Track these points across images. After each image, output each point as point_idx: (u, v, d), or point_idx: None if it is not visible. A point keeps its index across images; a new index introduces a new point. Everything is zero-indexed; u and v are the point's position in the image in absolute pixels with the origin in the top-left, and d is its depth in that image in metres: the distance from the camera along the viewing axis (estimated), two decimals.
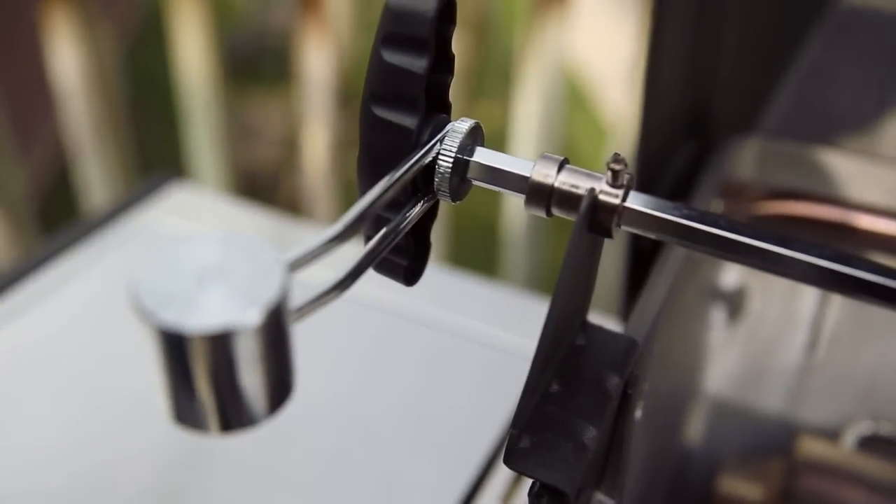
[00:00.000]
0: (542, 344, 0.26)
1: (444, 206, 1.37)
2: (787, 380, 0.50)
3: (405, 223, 0.27)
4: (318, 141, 1.41)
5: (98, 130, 1.26)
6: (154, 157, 1.73)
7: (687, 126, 0.47)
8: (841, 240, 0.46)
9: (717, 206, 0.45)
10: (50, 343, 0.57)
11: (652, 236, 0.26)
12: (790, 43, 0.55)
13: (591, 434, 0.28)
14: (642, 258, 0.39)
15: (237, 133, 1.99)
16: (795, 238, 0.25)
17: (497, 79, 2.21)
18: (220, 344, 0.19)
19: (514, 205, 1.32)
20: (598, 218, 0.26)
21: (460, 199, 0.28)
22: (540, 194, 0.26)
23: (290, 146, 1.87)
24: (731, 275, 0.50)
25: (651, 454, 0.45)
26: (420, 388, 0.55)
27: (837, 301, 0.49)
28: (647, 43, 0.39)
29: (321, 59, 1.30)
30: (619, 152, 0.25)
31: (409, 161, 0.26)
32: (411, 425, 0.52)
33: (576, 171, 0.26)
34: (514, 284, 1.36)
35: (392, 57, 0.26)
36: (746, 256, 0.25)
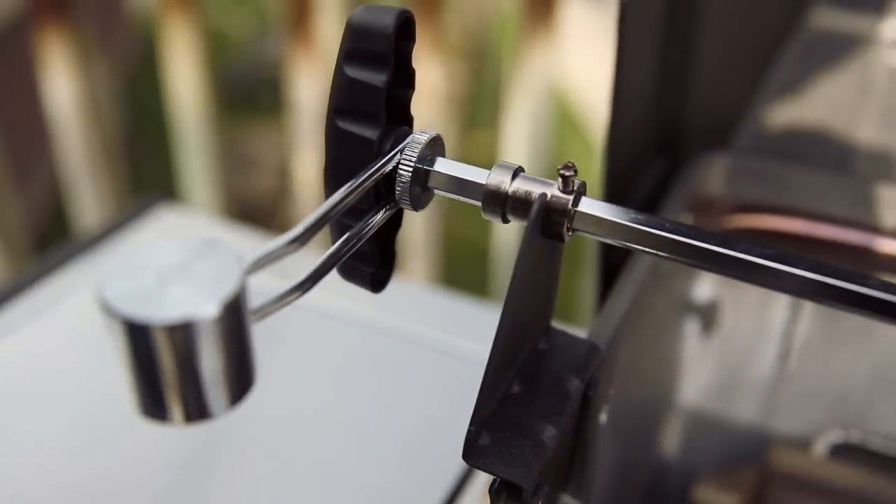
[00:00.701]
0: (497, 345, 0.27)
1: (436, 230, 1.38)
2: (760, 390, 0.51)
3: (367, 229, 0.28)
4: (311, 168, 1.42)
5: (93, 160, 1.28)
6: (150, 187, 1.75)
7: (657, 142, 0.49)
8: (809, 251, 0.47)
9: (686, 219, 0.47)
10: (39, 360, 0.58)
11: (603, 239, 0.27)
12: (762, 61, 0.57)
13: (550, 433, 0.29)
14: (613, 272, 0.40)
15: (234, 163, 2.01)
16: (737, 239, 0.26)
17: (490, 108, 2.24)
18: (181, 334, 0.20)
19: (505, 231, 1.34)
20: (550, 222, 0.27)
21: (421, 208, 0.29)
22: (495, 201, 0.27)
23: (286, 175, 1.89)
24: (704, 288, 0.51)
25: (624, 464, 0.46)
26: (407, 403, 0.55)
27: (808, 313, 0.50)
28: (612, 61, 0.41)
29: (312, 88, 1.32)
30: (570, 161, 0.27)
31: (369, 169, 0.27)
32: (400, 438, 0.53)
33: (529, 179, 0.27)
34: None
35: (353, 72, 0.27)
36: (692, 258, 0.26)
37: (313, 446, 0.53)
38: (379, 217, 0.28)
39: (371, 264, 0.30)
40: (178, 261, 0.21)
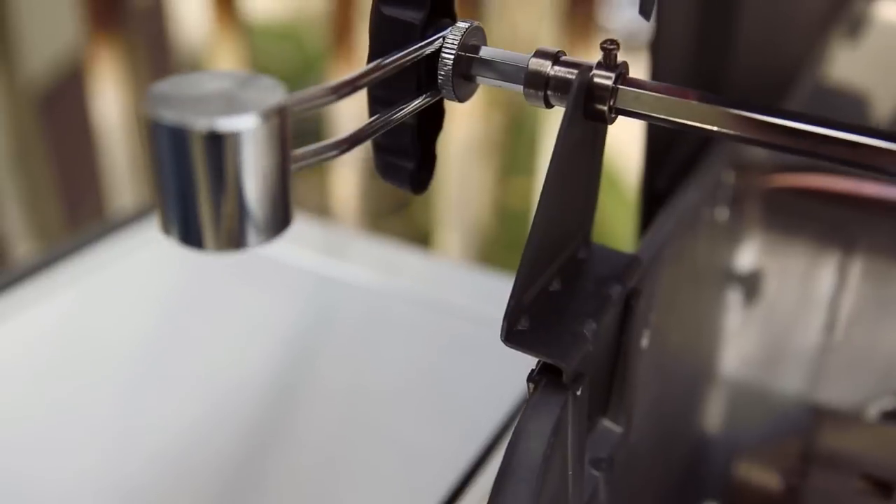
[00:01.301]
0: (537, 222, 0.27)
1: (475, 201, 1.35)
2: (806, 361, 0.49)
3: (406, 108, 0.28)
4: (349, 204, 1.43)
5: (136, 170, 1.30)
6: None
7: None
8: (853, 209, 0.46)
9: (728, 177, 0.46)
10: (75, 331, 0.58)
11: (648, 118, 0.27)
12: (810, 34, 0.57)
13: (590, 327, 0.28)
14: (656, 203, 0.40)
15: None
16: (785, 110, 0.25)
17: (527, 155, 2.25)
18: (221, 143, 0.20)
19: None
20: (593, 101, 0.27)
21: (464, 99, 0.29)
22: (537, 83, 0.27)
23: (325, 211, 1.91)
24: (747, 257, 0.50)
25: (664, 436, 0.44)
26: (438, 366, 0.55)
27: (855, 279, 0.49)
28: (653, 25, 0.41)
29: (353, 126, 1.34)
30: (612, 38, 0.26)
31: (411, 47, 0.27)
32: (432, 398, 0.52)
33: (572, 60, 0.27)
34: None
35: None
36: (743, 130, 0.26)
37: (358, 409, 0.52)
38: (419, 101, 0.28)
39: (411, 160, 0.30)
40: (223, 86, 0.21)
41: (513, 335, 0.27)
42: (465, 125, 1.27)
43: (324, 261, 0.65)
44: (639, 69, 0.31)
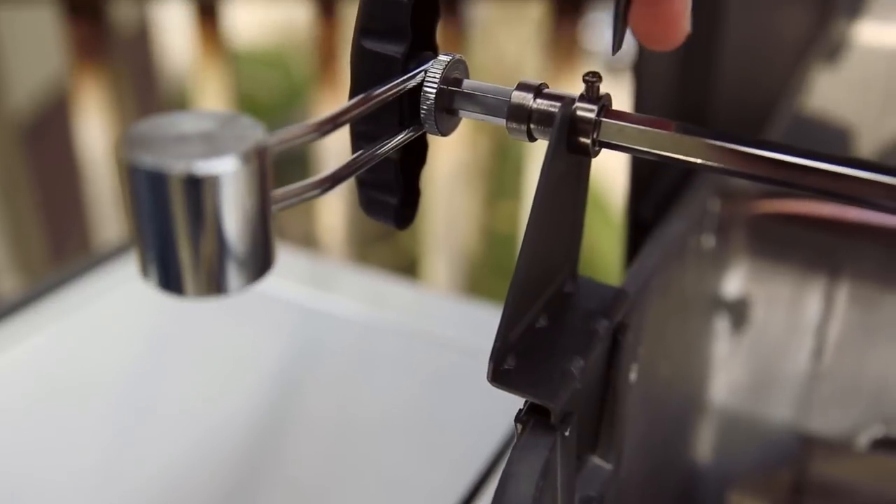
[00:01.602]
0: (522, 260, 0.26)
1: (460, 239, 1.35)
2: (795, 389, 0.49)
3: (388, 145, 0.27)
4: (335, 234, 1.43)
5: (120, 203, 1.30)
6: None
7: None
8: (839, 235, 0.46)
9: (713, 205, 0.46)
10: (58, 367, 0.58)
11: (631, 151, 0.27)
12: (787, 59, 0.57)
13: (578, 364, 0.28)
14: (641, 231, 0.39)
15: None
16: (769, 141, 0.25)
17: (513, 179, 2.26)
18: (200, 187, 0.20)
19: None
20: (576, 134, 0.27)
21: (447, 133, 0.29)
22: (519, 116, 0.27)
23: (310, 241, 1.90)
24: (734, 284, 0.50)
25: (655, 468, 0.44)
26: (426, 399, 0.54)
27: (842, 306, 0.48)
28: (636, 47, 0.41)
29: (340, 158, 1.34)
30: (594, 70, 0.26)
31: (392, 81, 0.27)
32: (420, 431, 0.51)
33: (554, 93, 0.27)
34: None
35: None
36: (725, 162, 0.25)
37: (346, 442, 0.51)
38: (402, 136, 0.28)
39: (394, 195, 0.30)
40: (202, 126, 0.21)
41: (500, 375, 0.26)
42: (451, 151, 1.27)
43: (310, 293, 0.65)
44: (622, 90, 0.31)
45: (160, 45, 2.52)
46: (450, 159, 1.32)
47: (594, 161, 0.28)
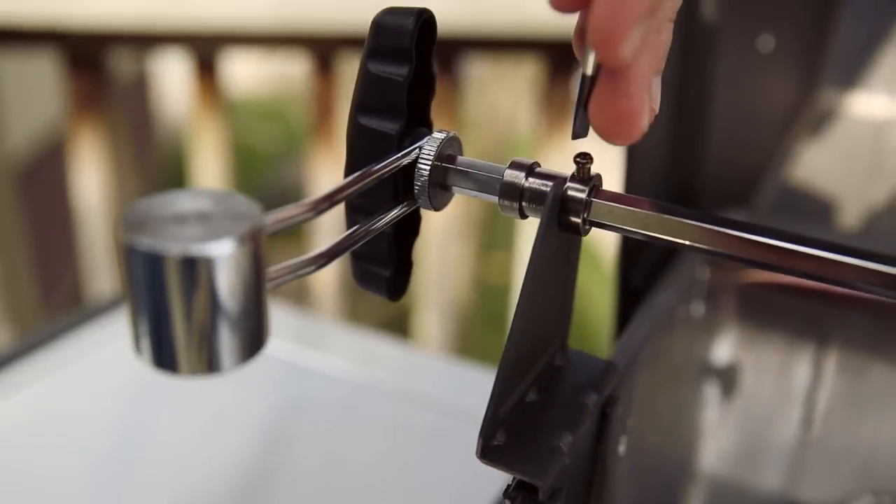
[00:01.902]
0: (512, 338, 0.26)
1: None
2: (785, 457, 0.49)
3: (383, 220, 0.28)
4: (329, 286, 1.43)
5: (113, 252, 1.30)
6: None
7: (672, 198, 0.49)
8: (827, 304, 0.46)
9: (702, 273, 0.47)
10: (49, 421, 0.57)
11: (621, 231, 0.27)
12: (776, 126, 0.58)
13: (566, 439, 0.28)
14: (631, 298, 0.40)
15: None
16: (756, 225, 0.26)
17: (506, 230, 2.28)
18: (195, 268, 0.20)
19: None
20: (567, 213, 0.27)
21: (440, 208, 0.29)
22: (511, 194, 0.28)
23: (303, 292, 1.90)
24: (723, 351, 0.50)
25: None
26: (415, 460, 0.54)
27: (831, 373, 0.49)
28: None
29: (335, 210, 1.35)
30: (585, 151, 0.27)
31: (387, 159, 0.27)
32: (406, 493, 0.51)
33: (545, 172, 0.28)
34: None
35: (376, 68, 0.28)
36: (712, 244, 0.26)
37: (330, 502, 0.51)
38: (395, 212, 0.28)
39: (387, 268, 0.30)
40: (198, 206, 0.21)
41: (489, 451, 0.27)
42: None
43: (299, 350, 0.65)
44: (615, 152, 0.31)
45: (158, 95, 2.54)
46: (443, 211, 1.33)
47: None
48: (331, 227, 1.39)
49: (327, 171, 1.32)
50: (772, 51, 0.55)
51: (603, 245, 2.12)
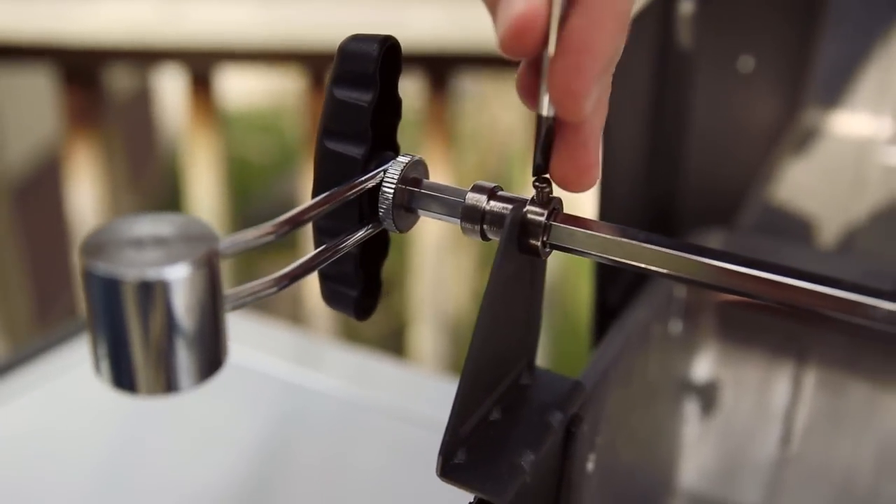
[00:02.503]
0: (471, 356, 0.27)
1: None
2: (764, 474, 0.49)
3: (347, 242, 0.28)
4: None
5: None
6: None
7: (649, 220, 0.50)
8: (805, 321, 0.47)
9: (679, 291, 0.47)
10: (41, 433, 0.58)
11: (579, 254, 0.28)
12: (756, 144, 0.58)
13: (528, 458, 0.28)
14: (608, 316, 0.40)
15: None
16: (714, 250, 0.26)
17: None
18: (151, 292, 0.20)
19: None
20: (526, 236, 0.28)
21: (405, 230, 0.30)
22: (473, 217, 0.28)
23: (298, 304, 1.91)
24: (703, 367, 0.51)
25: None
26: (409, 479, 0.54)
27: (810, 391, 0.49)
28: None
29: None
30: (546, 175, 0.27)
31: (351, 181, 0.28)
32: None
33: (506, 195, 0.28)
34: None
35: (341, 93, 0.29)
36: (669, 267, 0.26)
37: None
38: (361, 234, 0.29)
39: (354, 288, 0.31)
40: (157, 231, 0.22)
41: (448, 469, 0.27)
42: None
43: (294, 369, 0.65)
44: None
45: (154, 109, 2.56)
46: (440, 223, 1.33)
47: (580, 211, 0.29)
48: None
49: None
50: (752, 71, 0.55)
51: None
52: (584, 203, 0.50)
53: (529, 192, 0.28)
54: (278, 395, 0.63)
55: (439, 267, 1.39)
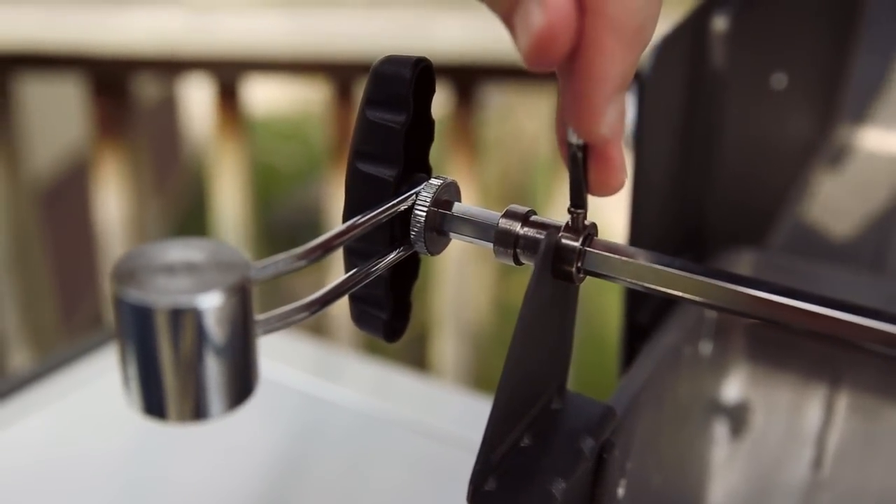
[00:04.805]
0: (504, 384, 0.27)
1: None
2: (794, 499, 0.49)
3: (378, 266, 0.28)
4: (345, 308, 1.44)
5: None
6: None
7: (680, 240, 0.49)
8: (840, 344, 0.46)
9: (709, 312, 0.46)
10: (66, 442, 0.58)
11: (614, 280, 0.27)
12: (788, 165, 0.58)
13: (559, 486, 0.28)
14: (639, 337, 0.40)
15: (273, 300, 2.04)
16: (749, 278, 0.26)
17: None
18: (182, 320, 0.20)
19: None
20: (561, 262, 0.27)
21: (436, 253, 0.30)
22: (506, 241, 0.28)
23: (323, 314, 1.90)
24: (733, 389, 0.50)
25: None
26: (428, 495, 0.54)
27: (842, 414, 0.48)
28: (633, 155, 0.42)
29: None
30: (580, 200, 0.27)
31: (384, 205, 0.28)
32: None
33: (540, 220, 0.28)
34: None
35: (374, 115, 0.28)
36: (706, 296, 0.26)
37: None
38: (392, 256, 0.29)
39: (384, 311, 0.30)
40: (188, 256, 0.22)
41: (479, 498, 0.27)
42: None
43: (314, 381, 0.65)
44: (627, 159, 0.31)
45: (181, 117, 2.58)
46: None
47: (604, 221, 0.29)
48: None
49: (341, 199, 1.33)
50: (785, 88, 0.55)
51: None
52: (615, 222, 0.50)
53: (554, 201, 0.27)
54: (298, 408, 0.62)
55: (461, 275, 1.39)
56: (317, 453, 0.58)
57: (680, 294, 0.26)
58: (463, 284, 1.40)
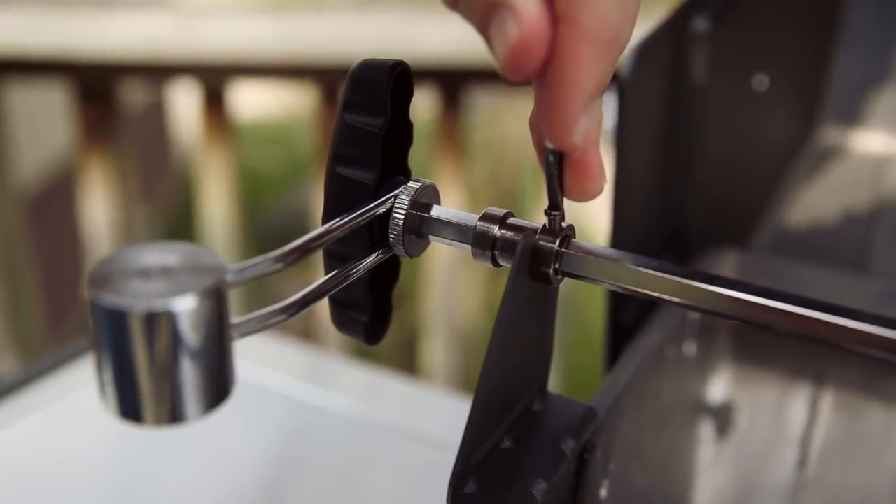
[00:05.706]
0: (482, 385, 0.27)
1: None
2: (779, 498, 0.49)
3: (358, 268, 0.28)
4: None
5: None
6: None
7: (662, 240, 0.49)
8: (824, 343, 0.46)
9: (693, 313, 0.46)
10: (52, 448, 0.57)
11: (591, 282, 0.27)
12: (770, 165, 0.58)
13: (540, 487, 0.28)
14: (622, 338, 0.40)
15: (260, 302, 2.04)
16: (727, 278, 0.26)
17: None
18: (157, 323, 0.20)
19: None
20: (538, 263, 0.27)
21: (415, 255, 0.30)
22: (484, 244, 0.28)
23: (311, 314, 1.90)
24: (718, 389, 0.50)
25: None
26: (419, 500, 0.54)
27: (826, 414, 0.48)
28: (613, 157, 0.42)
29: None
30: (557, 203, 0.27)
31: (362, 208, 0.28)
32: None
33: (518, 222, 0.28)
34: None
35: (352, 119, 0.28)
36: (684, 297, 0.26)
37: None
38: (371, 259, 0.29)
39: (364, 313, 0.30)
40: (164, 261, 0.22)
41: (459, 500, 0.27)
42: None
43: (304, 387, 0.65)
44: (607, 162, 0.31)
45: (168, 123, 2.57)
46: None
47: (593, 224, 0.29)
48: None
49: None
50: (767, 90, 0.55)
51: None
52: (597, 224, 0.49)
53: (542, 204, 0.27)
54: (287, 413, 0.62)
55: (451, 279, 1.39)
56: (307, 458, 0.58)
57: (657, 295, 0.26)
58: (453, 288, 1.40)
